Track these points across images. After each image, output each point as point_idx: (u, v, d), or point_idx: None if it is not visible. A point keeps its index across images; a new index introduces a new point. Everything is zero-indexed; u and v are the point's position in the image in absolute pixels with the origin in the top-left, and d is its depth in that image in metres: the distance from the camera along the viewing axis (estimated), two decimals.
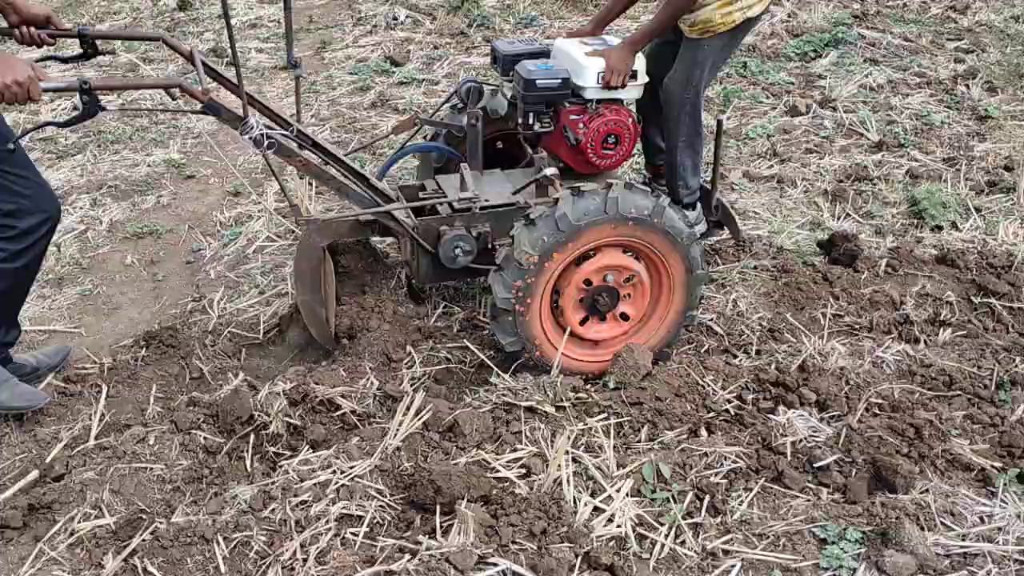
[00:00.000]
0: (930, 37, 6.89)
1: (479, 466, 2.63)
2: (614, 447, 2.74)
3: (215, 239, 4.28)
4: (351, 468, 2.59)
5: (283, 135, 2.93)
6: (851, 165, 4.85)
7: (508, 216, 3.16)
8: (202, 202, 4.62)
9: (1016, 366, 3.17)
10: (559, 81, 3.23)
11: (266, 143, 2.85)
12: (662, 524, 2.50)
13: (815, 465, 2.72)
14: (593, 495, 2.57)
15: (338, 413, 2.89)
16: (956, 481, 2.70)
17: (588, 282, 3.04)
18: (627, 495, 2.56)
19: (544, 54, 3.50)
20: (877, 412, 2.96)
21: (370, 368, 3.13)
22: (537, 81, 3.21)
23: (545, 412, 2.86)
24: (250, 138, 2.83)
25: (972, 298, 3.67)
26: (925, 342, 3.41)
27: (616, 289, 3.08)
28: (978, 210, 4.35)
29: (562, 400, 2.89)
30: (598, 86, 3.25)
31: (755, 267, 3.89)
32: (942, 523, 2.51)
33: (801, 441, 2.80)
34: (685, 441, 2.82)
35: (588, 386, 2.98)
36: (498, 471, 2.62)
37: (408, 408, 2.75)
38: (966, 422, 2.92)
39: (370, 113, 5.66)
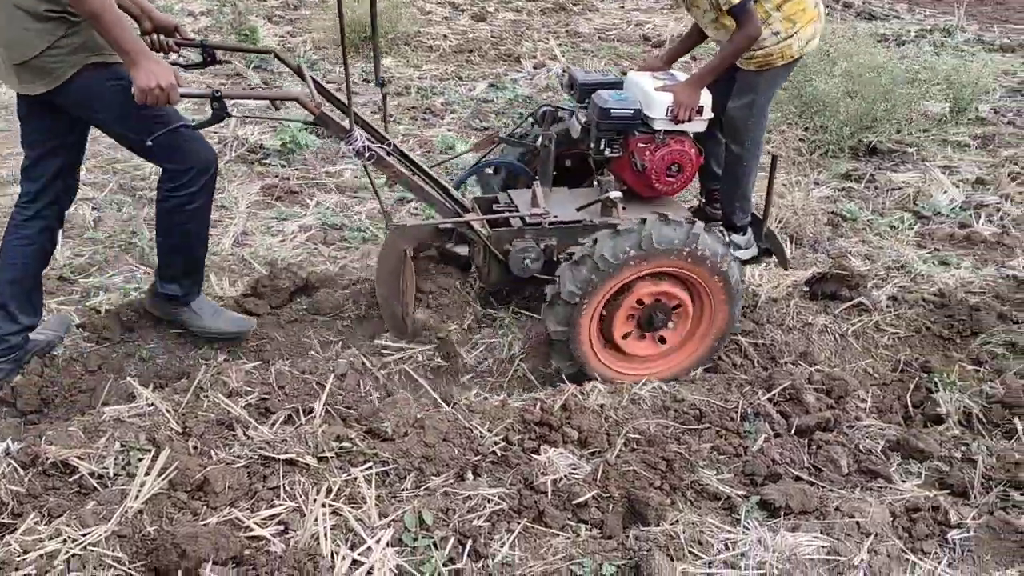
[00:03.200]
0: None
1: (231, 525, 2.48)
2: (378, 497, 2.68)
3: None
4: (84, 536, 2.37)
5: (381, 148, 3.20)
6: None
7: (574, 232, 3.46)
8: None
9: (759, 398, 3.40)
10: (632, 112, 3.51)
11: (367, 154, 3.13)
12: (423, 573, 2.45)
13: (574, 502, 2.77)
14: (352, 548, 2.48)
15: (74, 477, 2.64)
16: (704, 511, 2.84)
17: (640, 301, 3.39)
18: (388, 545, 2.49)
19: (617, 85, 3.75)
20: (635, 447, 3.07)
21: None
22: (612, 111, 3.50)
23: (306, 464, 2.75)
24: (353, 149, 3.09)
25: None
26: (678, 378, 3.59)
27: (668, 305, 3.42)
28: None
29: (324, 451, 2.80)
30: (667, 119, 3.49)
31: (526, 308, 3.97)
32: (690, 552, 2.60)
33: (562, 479, 2.85)
34: (450, 486, 2.80)
35: (353, 435, 2.90)
36: (252, 529, 2.48)
37: (151, 467, 2.56)
38: (713, 453, 3.09)
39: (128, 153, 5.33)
